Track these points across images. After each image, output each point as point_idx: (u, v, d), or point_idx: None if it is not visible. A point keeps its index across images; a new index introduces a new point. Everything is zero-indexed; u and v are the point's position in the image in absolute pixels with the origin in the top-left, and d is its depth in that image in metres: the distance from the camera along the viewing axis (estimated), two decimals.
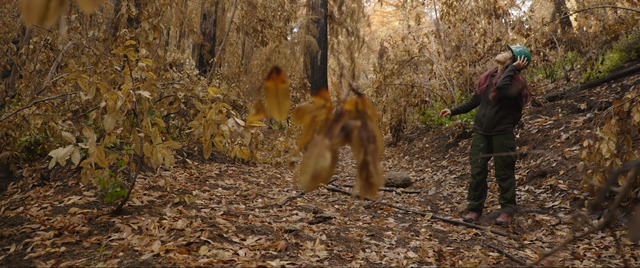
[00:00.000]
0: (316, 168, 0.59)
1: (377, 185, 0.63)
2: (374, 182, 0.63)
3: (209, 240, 2.67)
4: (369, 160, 0.62)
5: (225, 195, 4.15)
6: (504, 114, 3.60)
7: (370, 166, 0.62)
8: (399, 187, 5.50)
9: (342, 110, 0.65)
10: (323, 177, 0.59)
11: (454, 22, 10.50)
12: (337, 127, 0.64)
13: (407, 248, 2.89)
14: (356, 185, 0.62)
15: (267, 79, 0.66)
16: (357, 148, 0.62)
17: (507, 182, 3.55)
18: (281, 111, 0.68)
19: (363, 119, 0.63)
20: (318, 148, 0.59)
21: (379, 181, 0.63)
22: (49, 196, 3.58)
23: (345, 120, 0.64)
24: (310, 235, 3.01)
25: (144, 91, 2.84)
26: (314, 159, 0.59)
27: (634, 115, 3.45)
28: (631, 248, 2.96)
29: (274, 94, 0.67)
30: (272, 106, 0.67)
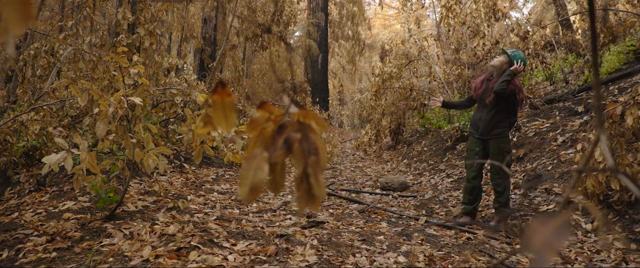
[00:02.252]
0: (254, 180, 0.60)
1: (319, 197, 0.64)
2: (316, 194, 0.64)
3: (199, 245, 2.68)
4: (310, 172, 0.63)
5: (220, 200, 4.16)
6: (500, 118, 3.60)
7: (311, 178, 0.63)
8: (396, 190, 5.50)
9: (285, 123, 0.66)
10: (261, 189, 0.60)
11: (453, 25, 10.50)
12: (281, 140, 0.65)
13: (398, 252, 2.89)
14: (295, 197, 0.63)
15: (213, 92, 0.67)
16: (299, 161, 0.64)
17: (502, 186, 3.55)
18: (228, 123, 0.70)
19: (305, 131, 0.65)
20: (256, 161, 0.61)
21: (321, 193, 0.64)
22: (44, 201, 3.61)
23: (288, 132, 0.65)
24: (302, 239, 3.02)
25: (135, 97, 2.87)
26: (252, 171, 0.60)
27: (627, 118, 3.45)
28: (623, 252, 2.95)
29: (221, 107, 0.68)
30: (219, 119, 0.69)
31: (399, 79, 9.17)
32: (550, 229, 0.45)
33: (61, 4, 11.28)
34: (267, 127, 0.69)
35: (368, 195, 5.19)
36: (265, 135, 0.69)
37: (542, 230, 0.45)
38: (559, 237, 0.44)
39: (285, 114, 0.69)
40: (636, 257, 2.86)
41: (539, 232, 0.45)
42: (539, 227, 0.46)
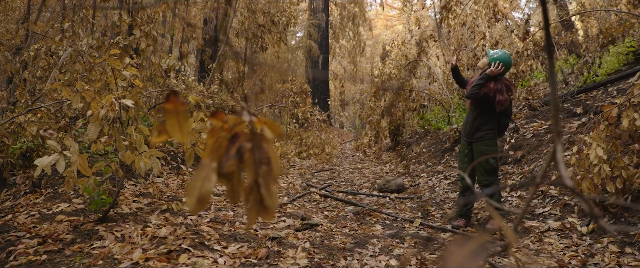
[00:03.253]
0: (201, 191, 0.59)
1: (271, 208, 0.64)
2: (268, 205, 0.63)
3: (189, 248, 2.68)
4: (261, 182, 0.62)
5: (215, 202, 4.16)
6: (483, 121, 3.59)
7: (262, 188, 0.62)
8: (393, 192, 5.49)
9: (237, 132, 0.65)
10: (208, 199, 0.60)
11: (453, 26, 10.47)
12: (233, 149, 0.65)
13: (390, 256, 2.88)
14: (245, 207, 0.62)
15: (165, 101, 0.67)
16: (250, 171, 0.63)
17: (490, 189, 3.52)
18: (182, 132, 0.69)
19: (257, 140, 0.64)
20: (204, 171, 0.60)
21: (272, 203, 0.63)
22: (39, 203, 3.62)
23: (241, 142, 0.65)
24: (294, 242, 3.01)
25: (127, 100, 2.87)
26: (200, 182, 0.60)
27: (623, 121, 3.42)
28: (617, 255, 2.92)
29: (175, 115, 0.68)
30: (174, 127, 0.68)
31: (398, 80, 9.15)
32: (466, 251, 0.44)
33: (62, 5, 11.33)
34: (223, 136, 0.69)
35: (365, 197, 5.18)
36: (221, 144, 0.68)
37: (458, 252, 0.44)
38: (474, 260, 0.43)
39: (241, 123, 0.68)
40: (630, 261, 2.84)
41: (455, 255, 0.44)
42: (455, 249, 0.45)
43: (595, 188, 3.38)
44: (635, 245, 2.99)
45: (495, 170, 3.58)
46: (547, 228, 3.51)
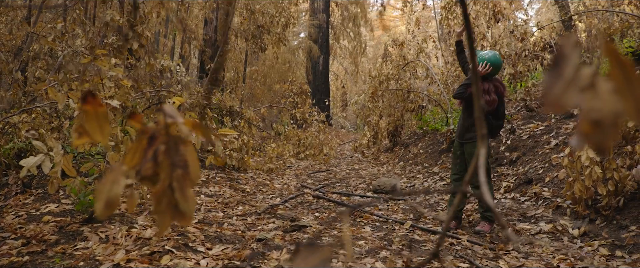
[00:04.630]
0: (110, 195, 0.57)
1: (187, 213, 0.62)
2: (183, 210, 0.61)
3: (173, 249, 2.66)
4: (176, 186, 0.60)
5: (206, 203, 4.15)
6: (472, 122, 3.55)
7: (176, 193, 0.60)
8: (387, 193, 5.45)
9: (155, 134, 0.63)
10: (117, 204, 0.58)
11: (453, 27, 10.43)
12: (150, 152, 0.63)
13: (376, 258, 2.85)
14: (154, 213, 0.60)
15: (83, 102, 0.65)
16: (164, 174, 0.61)
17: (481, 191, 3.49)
18: (103, 134, 0.67)
19: (173, 143, 0.62)
20: (113, 175, 0.58)
21: (188, 208, 0.61)
22: (28, 204, 3.62)
23: (158, 144, 0.63)
24: (280, 244, 2.99)
25: (113, 100, 2.86)
26: (108, 186, 0.58)
27: None
28: (607, 258, 2.89)
29: (94, 117, 0.66)
30: (94, 129, 0.66)
31: (397, 81, 9.12)
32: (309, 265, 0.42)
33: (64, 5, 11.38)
34: (142, 139, 0.67)
35: (358, 198, 5.15)
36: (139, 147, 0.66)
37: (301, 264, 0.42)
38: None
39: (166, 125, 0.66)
40: (620, 264, 2.80)
41: None
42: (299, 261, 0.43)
43: (587, 191, 3.34)
44: (625, 248, 2.95)
45: (488, 171, 3.54)
46: (538, 230, 3.47)
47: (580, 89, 0.32)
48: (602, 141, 0.32)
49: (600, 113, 0.31)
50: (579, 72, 0.33)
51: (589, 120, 0.31)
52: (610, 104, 0.31)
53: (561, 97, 0.32)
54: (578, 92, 0.32)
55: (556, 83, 0.32)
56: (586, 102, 0.32)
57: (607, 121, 0.31)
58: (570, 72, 0.32)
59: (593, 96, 0.32)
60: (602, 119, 0.31)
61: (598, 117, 0.31)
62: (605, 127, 0.31)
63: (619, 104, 0.31)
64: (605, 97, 0.32)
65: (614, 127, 0.31)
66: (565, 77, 0.32)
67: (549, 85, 0.32)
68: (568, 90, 0.32)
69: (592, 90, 0.32)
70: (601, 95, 0.32)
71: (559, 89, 0.32)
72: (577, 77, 0.32)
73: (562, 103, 0.32)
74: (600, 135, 0.32)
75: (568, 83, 0.32)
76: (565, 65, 0.33)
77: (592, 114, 0.31)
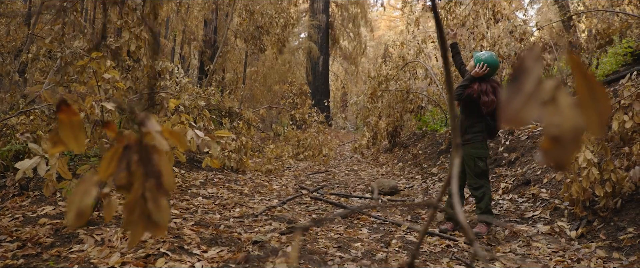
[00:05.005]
0: (80, 206, 0.57)
1: (161, 223, 0.61)
2: (156, 220, 0.60)
3: (168, 252, 2.66)
4: (148, 196, 0.60)
5: (203, 205, 4.14)
6: (471, 123, 3.54)
7: (149, 203, 0.59)
8: (386, 195, 5.45)
9: (130, 144, 0.62)
10: (88, 214, 0.57)
11: (452, 27, 10.41)
12: (124, 162, 0.62)
13: (373, 260, 2.84)
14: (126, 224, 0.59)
15: (58, 111, 0.64)
16: (137, 184, 0.60)
17: (480, 192, 3.49)
18: (78, 143, 0.66)
19: (147, 153, 0.61)
20: (84, 186, 0.57)
21: (162, 218, 0.60)
22: (25, 206, 3.62)
23: (131, 153, 0.62)
24: (276, 246, 2.99)
25: (108, 102, 2.86)
26: (79, 196, 0.57)
27: (613, 124, 3.37)
28: (604, 260, 2.87)
29: (69, 126, 0.65)
30: (68, 138, 0.66)
31: (396, 81, 9.10)
32: None
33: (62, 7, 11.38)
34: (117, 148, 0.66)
35: (357, 200, 5.14)
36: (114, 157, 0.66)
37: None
38: None
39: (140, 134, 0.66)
40: (617, 266, 2.79)
41: None
42: None
43: (585, 192, 3.33)
44: (623, 250, 2.93)
45: (485, 173, 3.53)
46: (536, 232, 3.46)
47: (541, 104, 0.31)
48: (562, 157, 0.31)
49: (559, 129, 0.30)
50: (541, 86, 0.32)
51: (548, 136, 0.30)
52: (570, 119, 0.31)
53: (520, 112, 0.31)
54: (538, 106, 0.31)
55: (515, 97, 0.31)
56: (546, 117, 0.31)
57: (567, 137, 0.30)
58: (530, 86, 0.32)
59: (553, 111, 0.31)
60: (562, 134, 0.30)
61: (558, 133, 0.31)
62: (565, 143, 0.30)
63: (580, 119, 0.31)
64: (566, 112, 0.31)
65: (574, 143, 0.30)
66: (525, 91, 0.31)
67: (508, 100, 0.31)
68: (528, 104, 0.31)
69: (553, 104, 0.31)
70: (562, 109, 0.31)
71: (518, 103, 0.31)
72: (538, 91, 0.32)
73: (520, 118, 0.31)
74: (560, 152, 0.31)
75: (528, 97, 0.31)
76: (526, 79, 0.32)
77: (552, 130, 0.31)
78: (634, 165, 3.23)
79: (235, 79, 11.03)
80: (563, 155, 0.31)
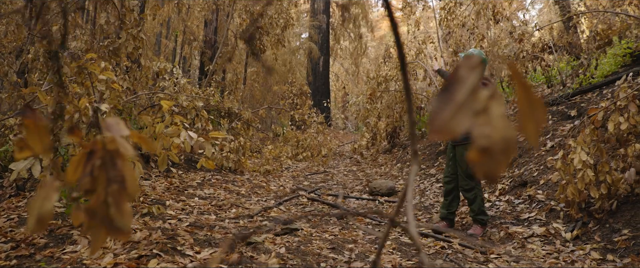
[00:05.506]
0: (41, 211, 0.57)
1: (124, 228, 0.61)
2: (119, 226, 0.60)
3: (160, 253, 2.66)
4: (111, 201, 0.59)
5: (199, 205, 4.14)
6: None
7: (111, 208, 0.59)
8: (383, 196, 5.44)
9: (94, 149, 0.62)
10: (48, 219, 0.57)
11: (452, 28, 10.41)
12: (88, 166, 0.62)
13: (366, 262, 2.84)
14: (87, 229, 0.59)
15: (23, 117, 0.64)
16: (100, 189, 0.60)
17: (471, 193, 3.49)
18: (44, 148, 0.66)
19: (110, 158, 0.61)
20: (45, 191, 0.57)
21: (125, 223, 0.60)
22: (20, 207, 3.62)
23: (94, 159, 0.62)
24: (269, 247, 2.99)
25: (102, 104, 2.86)
26: (39, 201, 0.57)
27: (609, 125, 3.36)
28: (598, 262, 2.86)
29: (35, 131, 0.65)
30: (34, 142, 0.66)
31: (396, 82, 9.10)
32: None
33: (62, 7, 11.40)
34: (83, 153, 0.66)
35: (354, 201, 5.14)
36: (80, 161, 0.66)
37: None
38: None
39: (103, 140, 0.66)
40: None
41: None
42: None
43: (580, 194, 3.32)
44: (617, 252, 2.92)
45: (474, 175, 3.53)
46: (531, 234, 3.45)
47: (473, 114, 0.31)
48: (492, 169, 0.31)
49: (489, 140, 0.30)
50: (474, 96, 0.32)
51: (478, 147, 0.30)
52: (500, 130, 0.30)
53: (449, 122, 0.31)
54: (470, 117, 0.31)
55: (445, 107, 0.31)
56: (477, 128, 0.31)
57: (497, 148, 0.30)
58: (462, 96, 0.31)
59: (484, 121, 0.31)
60: (491, 146, 0.30)
61: (487, 144, 0.30)
62: (495, 155, 0.30)
63: (510, 130, 0.30)
64: (496, 123, 0.31)
65: (504, 155, 0.30)
66: (456, 101, 0.31)
67: (437, 110, 0.31)
68: (458, 115, 0.31)
69: (484, 115, 0.31)
70: (493, 120, 0.31)
71: (448, 113, 0.31)
72: (471, 101, 0.31)
73: (449, 128, 0.30)
74: (490, 163, 0.31)
75: (459, 107, 0.31)
76: (459, 88, 0.32)
77: (482, 141, 0.30)
78: (630, 167, 3.21)
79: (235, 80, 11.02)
80: (493, 167, 0.31)
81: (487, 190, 4.83)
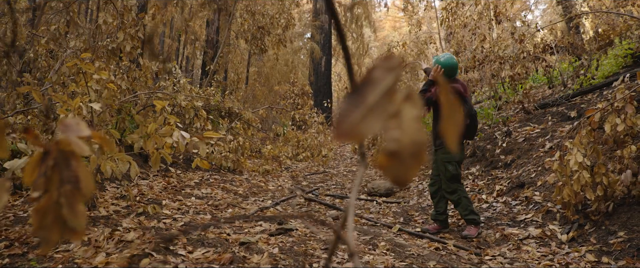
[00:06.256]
0: None
1: (77, 229, 0.60)
2: (72, 226, 0.60)
3: (153, 252, 2.66)
4: (63, 202, 0.59)
5: (195, 205, 4.15)
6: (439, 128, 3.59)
7: (63, 209, 0.59)
8: (382, 196, 5.43)
9: (49, 150, 0.62)
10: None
11: (453, 28, 10.38)
12: (43, 167, 0.62)
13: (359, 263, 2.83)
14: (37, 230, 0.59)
15: None
16: (52, 189, 0.60)
17: (455, 196, 3.50)
18: (1, 148, 0.66)
19: (64, 158, 0.61)
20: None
21: (78, 224, 0.60)
22: (17, 205, 3.64)
23: (48, 160, 0.62)
24: (262, 248, 2.99)
25: (95, 103, 2.87)
26: None
27: (606, 127, 3.34)
28: (592, 264, 2.84)
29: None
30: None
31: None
32: None
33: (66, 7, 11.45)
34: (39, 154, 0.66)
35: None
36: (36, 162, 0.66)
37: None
38: None
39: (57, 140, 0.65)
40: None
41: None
42: None
43: (576, 196, 3.30)
44: (612, 254, 2.90)
45: (456, 177, 3.54)
46: (527, 235, 3.43)
47: (385, 117, 0.31)
48: (402, 174, 0.30)
49: (398, 143, 0.30)
50: (387, 98, 0.31)
51: (386, 151, 0.30)
52: (410, 134, 0.30)
53: (358, 126, 0.30)
54: (380, 120, 0.30)
55: (355, 109, 0.31)
56: (387, 131, 0.30)
57: (406, 152, 0.30)
58: (374, 98, 0.31)
59: (395, 125, 0.30)
60: (400, 150, 0.30)
61: (396, 147, 0.30)
62: (405, 159, 0.30)
63: (421, 134, 0.30)
64: (407, 126, 0.30)
65: (415, 159, 0.30)
66: (367, 103, 0.31)
67: (345, 112, 0.30)
68: (368, 118, 0.30)
69: (396, 118, 0.31)
70: (404, 123, 0.30)
71: (357, 116, 0.30)
72: (383, 104, 0.31)
73: (357, 132, 0.30)
74: (400, 168, 0.30)
75: (369, 110, 0.30)
76: (371, 90, 0.31)
77: (390, 145, 0.30)
78: (626, 169, 3.19)
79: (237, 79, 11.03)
80: (402, 172, 0.30)
81: (485, 191, 4.81)
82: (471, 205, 3.50)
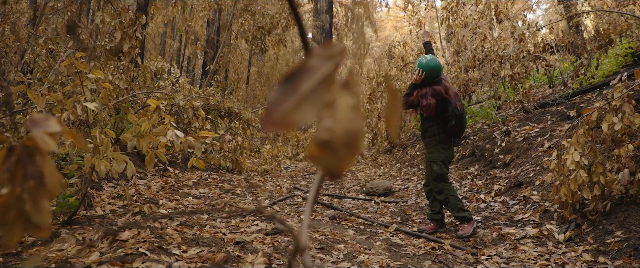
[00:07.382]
0: None
1: (42, 224, 0.60)
2: (35, 222, 0.59)
3: (147, 252, 2.66)
4: (26, 197, 0.59)
5: (192, 204, 4.15)
6: (425, 127, 3.67)
7: (26, 205, 0.59)
8: (380, 196, 5.42)
9: (14, 146, 0.62)
10: None
11: (454, 27, 10.35)
12: (7, 163, 0.61)
13: (354, 262, 2.82)
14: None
15: None
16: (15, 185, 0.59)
17: (442, 195, 3.50)
18: None
19: (28, 154, 0.60)
20: None
21: (42, 220, 0.59)
22: None
23: (13, 156, 0.61)
24: (257, 247, 2.98)
25: (90, 103, 2.87)
26: None
27: (603, 126, 3.32)
28: (589, 264, 2.82)
29: None
30: None
31: (397, 82, 9.06)
32: None
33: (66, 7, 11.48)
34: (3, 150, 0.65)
35: (350, 201, 5.12)
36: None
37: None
38: None
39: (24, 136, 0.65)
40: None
41: None
42: None
43: (573, 195, 3.28)
44: (609, 254, 2.88)
45: (442, 176, 3.54)
46: (524, 235, 3.41)
47: (319, 106, 0.30)
48: (335, 165, 0.29)
49: (331, 133, 0.29)
50: (323, 87, 0.30)
51: (317, 141, 0.29)
52: (344, 123, 0.29)
53: (290, 114, 0.29)
54: (314, 109, 0.30)
55: (287, 98, 0.30)
56: (320, 120, 0.29)
57: (339, 142, 0.29)
58: (308, 87, 0.30)
59: (329, 114, 0.29)
60: (332, 139, 0.29)
61: (328, 137, 0.29)
62: (337, 149, 0.29)
63: (357, 123, 0.29)
64: (342, 115, 0.29)
65: (349, 149, 0.29)
66: (300, 92, 0.30)
67: (277, 100, 0.30)
68: (301, 106, 0.29)
69: (330, 107, 0.30)
70: (338, 112, 0.30)
71: (289, 105, 0.30)
72: (317, 93, 0.30)
73: (288, 121, 0.29)
74: (332, 158, 0.29)
75: (302, 98, 0.30)
76: (305, 78, 0.30)
77: (322, 134, 0.29)
78: (624, 168, 3.17)
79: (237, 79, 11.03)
80: (335, 163, 0.29)
81: (484, 190, 4.80)
82: (460, 203, 3.49)
